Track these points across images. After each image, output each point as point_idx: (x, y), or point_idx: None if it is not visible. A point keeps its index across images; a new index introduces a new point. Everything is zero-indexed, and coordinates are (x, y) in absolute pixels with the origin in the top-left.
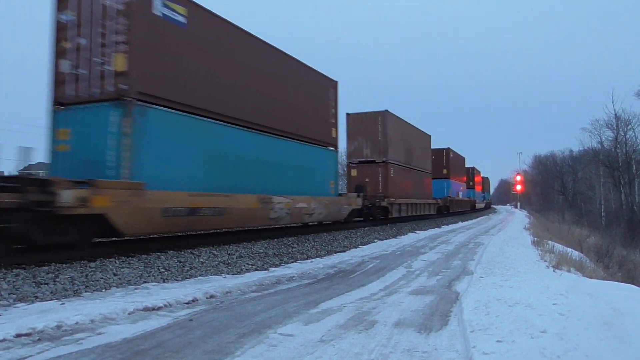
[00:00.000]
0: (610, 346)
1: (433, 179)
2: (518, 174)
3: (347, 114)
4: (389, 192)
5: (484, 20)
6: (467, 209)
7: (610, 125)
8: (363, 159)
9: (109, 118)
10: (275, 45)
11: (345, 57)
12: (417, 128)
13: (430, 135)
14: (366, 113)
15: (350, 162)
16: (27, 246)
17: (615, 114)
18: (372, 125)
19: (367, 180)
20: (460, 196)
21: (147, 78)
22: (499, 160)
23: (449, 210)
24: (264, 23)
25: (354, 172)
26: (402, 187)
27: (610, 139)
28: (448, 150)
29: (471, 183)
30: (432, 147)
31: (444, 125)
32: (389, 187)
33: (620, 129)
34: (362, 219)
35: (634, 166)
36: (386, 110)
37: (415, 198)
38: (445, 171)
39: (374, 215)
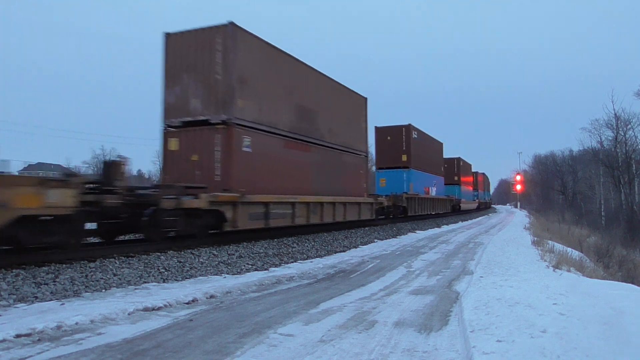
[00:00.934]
0: (610, 346)
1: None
2: (518, 173)
3: (166, 35)
4: (232, 181)
5: (484, 20)
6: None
7: (610, 125)
8: (190, 119)
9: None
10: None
11: (344, 56)
12: (323, 75)
13: (366, 98)
14: (196, 30)
15: (168, 125)
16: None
17: (615, 114)
18: (206, 54)
19: (195, 158)
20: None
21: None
22: (499, 160)
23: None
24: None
25: (173, 144)
26: (272, 173)
27: (610, 138)
28: (459, 159)
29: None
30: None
31: (444, 124)
32: (233, 171)
33: (620, 129)
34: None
35: (633, 166)
36: (231, 23)
37: (314, 194)
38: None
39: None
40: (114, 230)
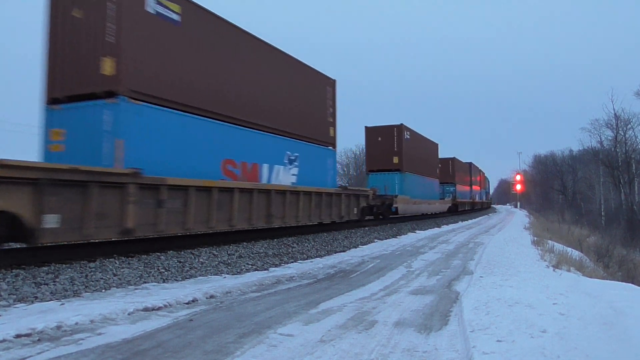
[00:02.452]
0: (610, 346)
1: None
2: (518, 173)
3: None
4: None
5: (482, 19)
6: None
7: (610, 125)
8: None
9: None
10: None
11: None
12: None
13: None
14: None
15: None
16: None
17: (615, 114)
18: None
19: None
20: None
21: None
22: (499, 160)
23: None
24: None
25: None
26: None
27: (610, 138)
28: (454, 159)
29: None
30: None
31: (444, 124)
32: None
33: (620, 129)
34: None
35: (633, 165)
36: None
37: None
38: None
39: None
40: None
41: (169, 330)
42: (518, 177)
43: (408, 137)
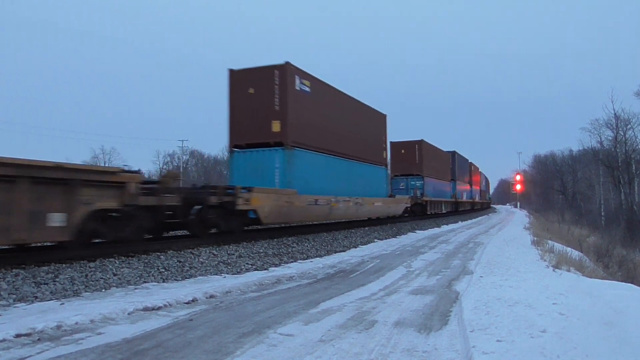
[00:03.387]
0: (609, 345)
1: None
2: (518, 173)
3: None
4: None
5: (484, 21)
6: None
7: (610, 125)
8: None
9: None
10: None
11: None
12: None
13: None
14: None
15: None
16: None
17: (615, 114)
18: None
19: None
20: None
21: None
22: (499, 160)
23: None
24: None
25: None
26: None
27: (610, 138)
28: (422, 142)
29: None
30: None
31: (443, 124)
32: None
33: (620, 129)
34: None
35: (633, 166)
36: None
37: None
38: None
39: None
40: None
41: (168, 330)
42: (518, 177)
43: (305, 88)
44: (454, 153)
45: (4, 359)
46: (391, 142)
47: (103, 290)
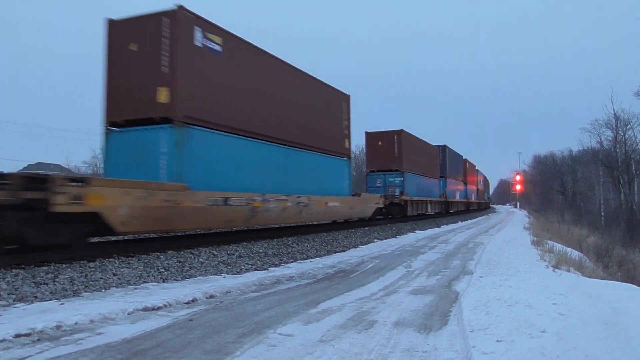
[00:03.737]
0: (609, 346)
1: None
2: (518, 173)
3: None
4: None
5: (482, 18)
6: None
7: (610, 125)
8: None
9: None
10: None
11: (345, 56)
12: None
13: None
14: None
15: None
16: None
17: (615, 114)
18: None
19: None
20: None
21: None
22: (499, 160)
23: (448, 210)
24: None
25: None
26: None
27: (610, 138)
28: (401, 132)
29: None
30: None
31: (443, 124)
32: None
33: (620, 129)
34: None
35: (633, 166)
36: None
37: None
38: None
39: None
40: None
41: (168, 330)
42: (518, 177)
43: (213, 45)
44: (444, 147)
45: (4, 359)
46: (366, 133)
47: (103, 290)
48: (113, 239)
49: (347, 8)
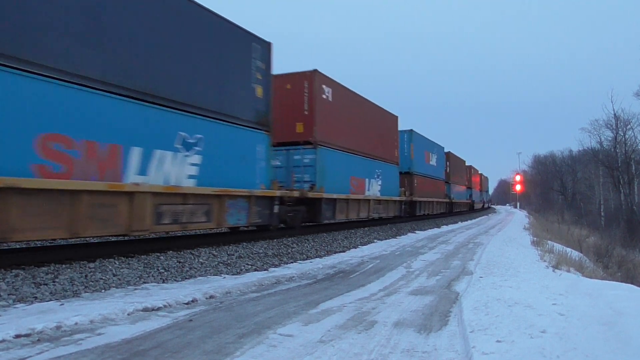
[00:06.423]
0: (609, 346)
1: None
2: (517, 174)
3: None
4: None
5: (483, 18)
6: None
7: (610, 125)
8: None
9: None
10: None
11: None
12: None
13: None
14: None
15: None
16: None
17: (615, 114)
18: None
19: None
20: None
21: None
22: (499, 160)
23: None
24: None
25: None
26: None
27: (610, 139)
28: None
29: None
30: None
31: (443, 124)
32: None
33: (620, 129)
34: None
35: (633, 166)
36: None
37: None
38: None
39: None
40: None
41: (168, 331)
42: (518, 178)
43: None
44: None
45: (4, 359)
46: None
47: (103, 290)
48: (113, 239)
49: (343, 11)
